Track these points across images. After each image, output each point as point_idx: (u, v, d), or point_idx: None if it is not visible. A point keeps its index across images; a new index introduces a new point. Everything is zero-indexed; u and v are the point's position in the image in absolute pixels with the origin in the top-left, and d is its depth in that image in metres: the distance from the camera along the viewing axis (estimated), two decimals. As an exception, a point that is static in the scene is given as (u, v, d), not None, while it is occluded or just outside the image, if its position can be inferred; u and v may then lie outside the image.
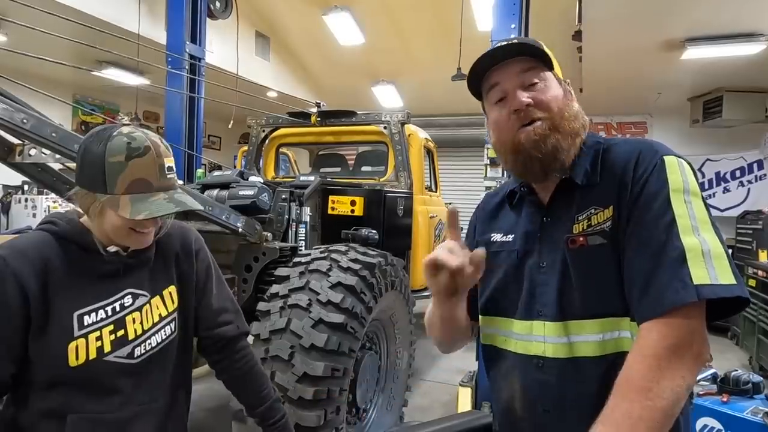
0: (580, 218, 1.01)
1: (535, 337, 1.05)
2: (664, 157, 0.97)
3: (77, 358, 1.08)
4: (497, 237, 1.18)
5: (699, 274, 0.84)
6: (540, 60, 1.06)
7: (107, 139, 1.09)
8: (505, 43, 1.06)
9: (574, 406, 0.99)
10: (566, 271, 1.01)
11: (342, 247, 2.82)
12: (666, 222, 0.90)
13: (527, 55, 1.05)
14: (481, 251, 1.01)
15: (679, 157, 0.99)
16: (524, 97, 1.03)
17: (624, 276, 0.95)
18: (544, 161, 1.03)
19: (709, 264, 0.85)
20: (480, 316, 1.19)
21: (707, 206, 0.94)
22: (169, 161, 1.14)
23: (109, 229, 1.13)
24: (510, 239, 1.14)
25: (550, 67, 1.07)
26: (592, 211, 1.00)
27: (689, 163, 0.99)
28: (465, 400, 3.39)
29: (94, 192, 1.09)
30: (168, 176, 1.13)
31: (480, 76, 1.10)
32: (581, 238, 0.99)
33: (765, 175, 7.76)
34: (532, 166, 1.05)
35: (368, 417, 3.03)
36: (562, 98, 1.06)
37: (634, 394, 0.83)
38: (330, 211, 3.61)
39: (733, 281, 0.84)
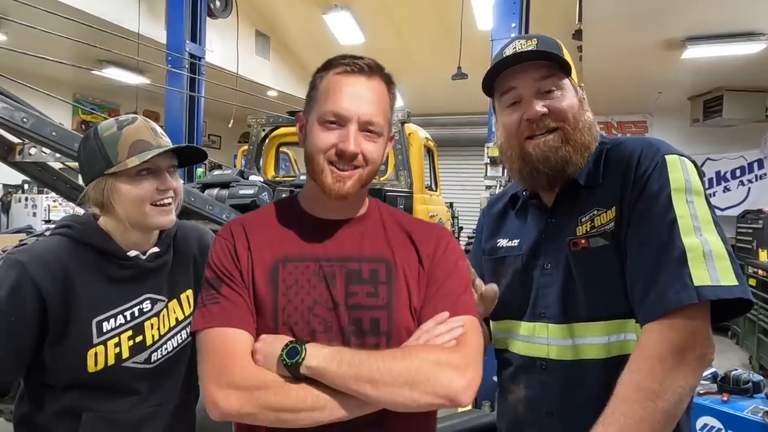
0: (583, 220, 1.01)
1: (538, 339, 1.05)
2: (666, 156, 0.95)
3: (96, 364, 1.08)
4: (503, 242, 1.17)
5: (700, 275, 0.84)
6: (558, 66, 1.02)
7: (95, 128, 1.14)
8: (526, 47, 1.02)
9: (578, 409, 0.99)
10: (570, 273, 1.01)
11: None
12: (667, 222, 0.89)
13: (546, 60, 1.01)
14: (492, 288, 1.04)
15: (682, 155, 0.97)
16: (539, 106, 1.00)
17: (626, 277, 0.94)
18: (550, 176, 1.03)
19: (710, 265, 0.84)
20: (491, 321, 1.19)
21: (710, 205, 0.92)
22: (158, 127, 1.18)
23: (129, 209, 1.11)
24: (515, 244, 1.14)
25: (568, 73, 1.03)
26: (595, 212, 0.99)
27: (693, 162, 0.97)
28: (465, 400, 3.38)
29: (102, 174, 1.10)
30: (162, 137, 1.16)
31: (495, 76, 1.06)
32: (583, 241, 0.99)
33: (765, 174, 7.75)
34: (538, 178, 1.04)
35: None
36: (577, 107, 1.03)
37: (636, 396, 0.83)
38: (330, 211, 3.60)
39: (735, 282, 0.83)
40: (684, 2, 4.45)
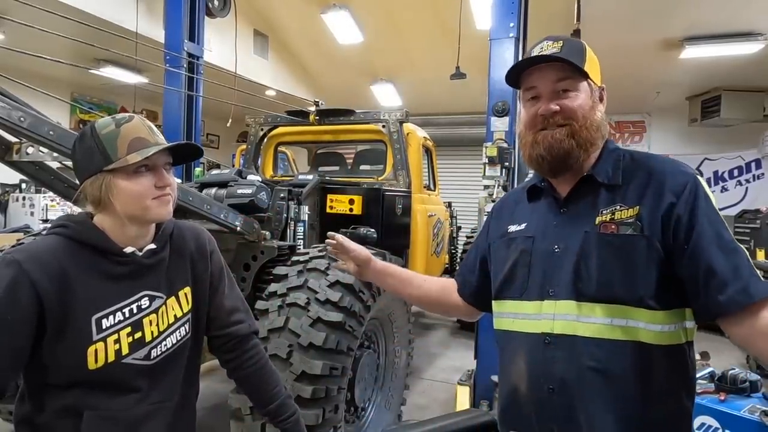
0: (604, 211, 1.11)
1: (544, 316, 1.12)
2: (694, 175, 1.10)
3: (96, 361, 1.08)
4: (512, 228, 1.27)
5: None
6: (576, 69, 1.15)
7: (91, 125, 1.14)
8: (551, 49, 1.14)
9: (577, 385, 1.05)
10: (582, 256, 1.09)
11: (340, 246, 2.81)
12: (718, 226, 1.04)
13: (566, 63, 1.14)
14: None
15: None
16: (553, 104, 1.15)
17: (692, 270, 1.02)
18: (552, 162, 1.15)
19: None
20: (493, 302, 1.28)
21: None
22: (154, 126, 1.19)
23: (128, 204, 1.12)
24: (523, 227, 1.23)
25: (586, 77, 1.17)
26: (617, 207, 1.10)
27: None
28: (463, 399, 3.39)
29: (100, 170, 1.10)
30: (158, 135, 1.17)
31: (520, 73, 1.21)
32: (613, 226, 1.08)
33: (763, 174, 7.79)
34: (542, 164, 1.17)
35: (366, 415, 3.03)
36: (588, 108, 1.16)
37: None
38: (328, 210, 3.61)
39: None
40: (682, 2, 4.46)
